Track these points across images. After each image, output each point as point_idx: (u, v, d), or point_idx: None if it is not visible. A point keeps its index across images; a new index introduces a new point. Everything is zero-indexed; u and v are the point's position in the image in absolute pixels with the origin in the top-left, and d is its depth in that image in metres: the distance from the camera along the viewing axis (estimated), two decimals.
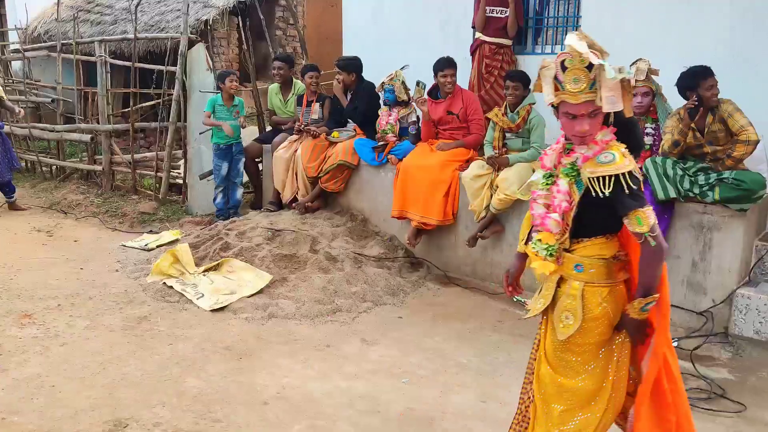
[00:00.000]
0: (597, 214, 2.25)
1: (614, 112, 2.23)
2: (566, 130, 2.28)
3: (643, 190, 2.19)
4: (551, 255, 2.33)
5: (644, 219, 2.14)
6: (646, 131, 4.56)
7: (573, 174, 2.26)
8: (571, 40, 2.20)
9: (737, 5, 4.97)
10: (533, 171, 5.11)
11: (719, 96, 4.27)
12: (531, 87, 5.12)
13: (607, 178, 2.15)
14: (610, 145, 2.21)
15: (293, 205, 6.33)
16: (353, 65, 6.36)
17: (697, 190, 4.23)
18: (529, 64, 6.08)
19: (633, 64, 4.55)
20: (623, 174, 2.14)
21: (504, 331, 4.52)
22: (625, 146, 2.22)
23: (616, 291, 2.32)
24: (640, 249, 2.20)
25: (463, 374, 3.86)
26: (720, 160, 4.31)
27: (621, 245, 2.35)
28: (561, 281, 2.36)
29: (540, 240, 2.35)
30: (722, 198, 4.17)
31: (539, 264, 2.37)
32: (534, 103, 5.15)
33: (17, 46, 10.34)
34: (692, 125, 4.28)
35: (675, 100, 4.60)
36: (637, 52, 4.76)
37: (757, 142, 4.18)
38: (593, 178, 2.19)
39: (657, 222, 2.17)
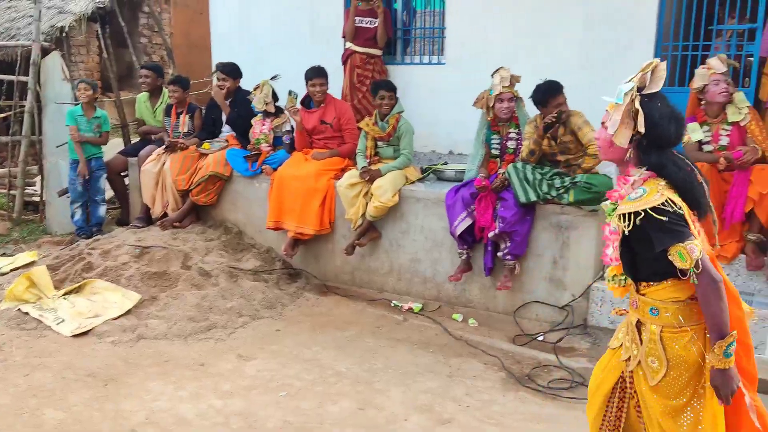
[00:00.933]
0: (646, 256, 2.12)
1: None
2: None
3: (683, 223, 2.04)
4: (619, 284, 2.31)
5: (686, 254, 2.00)
6: (509, 136, 4.81)
7: (613, 213, 2.20)
8: None
9: (590, 17, 5.36)
10: (406, 177, 5.25)
11: (570, 108, 4.57)
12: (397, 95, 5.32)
13: (631, 215, 2.06)
14: (647, 182, 2.11)
15: (157, 222, 6.01)
16: (238, 71, 6.23)
17: (554, 193, 4.51)
18: (398, 74, 6.24)
19: (495, 72, 4.77)
20: (646, 210, 2.03)
21: (382, 337, 4.57)
22: (665, 182, 2.09)
23: (698, 332, 2.13)
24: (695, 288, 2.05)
25: (341, 383, 3.86)
26: (573, 166, 4.62)
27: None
28: (642, 326, 2.22)
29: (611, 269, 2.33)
30: (576, 200, 4.47)
31: (612, 288, 2.35)
32: (402, 112, 5.28)
33: None
34: (547, 135, 4.55)
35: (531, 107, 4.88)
36: (501, 61, 5.01)
37: None
38: (619, 216, 2.12)
39: (703, 256, 2.02)
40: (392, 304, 5.12)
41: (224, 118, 6.28)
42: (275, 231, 5.61)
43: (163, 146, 6.22)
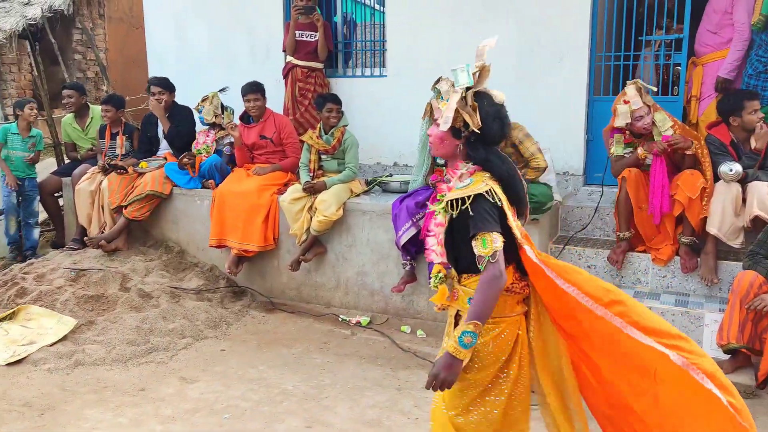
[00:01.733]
0: (468, 245, 2.17)
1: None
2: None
3: (495, 216, 2.14)
4: (438, 284, 2.33)
5: (489, 243, 2.10)
6: None
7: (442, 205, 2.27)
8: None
9: (524, 29, 5.46)
10: (350, 190, 5.23)
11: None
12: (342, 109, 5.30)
13: (457, 201, 2.16)
14: (474, 174, 2.20)
15: (87, 240, 5.71)
16: (172, 84, 6.10)
17: None
18: (340, 86, 6.22)
19: (435, 84, 4.79)
20: (469, 197, 2.14)
21: (330, 352, 4.51)
22: (490, 175, 2.19)
23: (509, 325, 2.25)
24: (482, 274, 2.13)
25: (288, 401, 3.78)
26: None
27: (518, 278, 2.30)
28: (460, 318, 2.26)
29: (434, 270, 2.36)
30: None
31: (436, 287, 2.35)
32: (347, 125, 5.27)
33: None
34: None
35: None
36: (440, 72, 5.03)
37: (546, 168, 4.59)
38: (447, 204, 2.21)
39: (501, 250, 2.12)
40: (340, 319, 5.07)
41: (161, 133, 6.13)
42: (218, 249, 5.49)
43: (97, 165, 6.03)
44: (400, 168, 6.13)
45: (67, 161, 6.91)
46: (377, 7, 7.59)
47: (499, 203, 2.16)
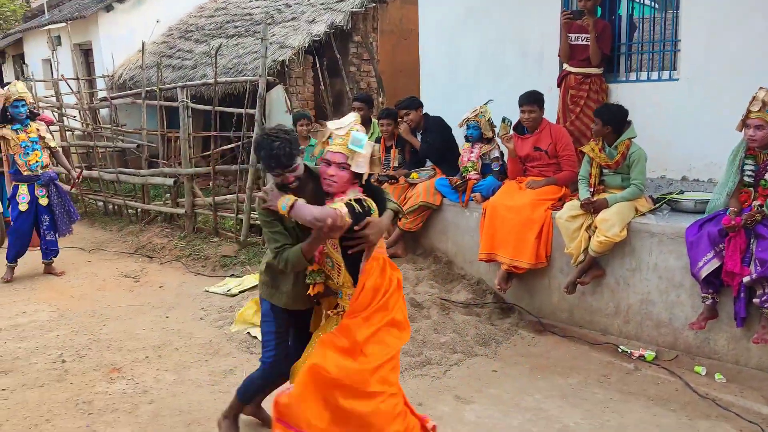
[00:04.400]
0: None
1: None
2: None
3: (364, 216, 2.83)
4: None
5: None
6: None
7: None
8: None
9: None
10: (635, 210, 4.76)
11: None
12: (630, 119, 4.84)
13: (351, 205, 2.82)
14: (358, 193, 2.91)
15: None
16: (418, 101, 6.22)
17: None
18: (621, 92, 5.73)
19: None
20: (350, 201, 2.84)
21: (611, 388, 4.13)
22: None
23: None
24: None
25: None
26: None
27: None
28: None
29: None
30: None
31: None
32: (634, 137, 4.80)
33: (104, 94, 10.76)
34: None
35: None
36: (744, 75, 4.35)
37: None
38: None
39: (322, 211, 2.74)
40: (619, 350, 4.64)
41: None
42: (487, 262, 5.40)
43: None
44: (690, 183, 5.45)
45: None
46: (656, 5, 6.87)
47: (370, 210, 2.91)
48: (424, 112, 6.36)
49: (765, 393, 3.97)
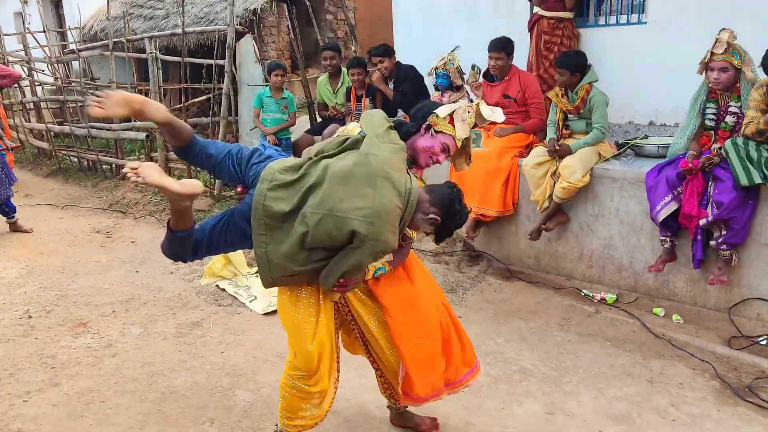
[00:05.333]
0: None
1: None
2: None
3: None
4: None
5: None
6: (729, 109, 4.09)
7: None
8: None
9: None
10: (599, 154, 4.76)
11: None
12: (590, 63, 4.78)
13: None
14: None
15: None
16: (391, 49, 6.11)
17: None
18: (592, 37, 5.66)
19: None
20: None
21: (571, 330, 4.21)
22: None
23: None
24: None
25: (526, 381, 3.59)
26: None
27: None
28: None
29: None
30: None
31: None
32: (596, 81, 4.76)
33: (75, 47, 10.52)
34: None
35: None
36: (713, 18, 4.30)
37: None
38: None
39: None
40: (582, 294, 4.71)
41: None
42: None
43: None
44: (657, 128, 5.44)
45: (319, 120, 7.32)
46: None
47: None
48: (396, 60, 6.27)
49: (721, 333, 4.05)
